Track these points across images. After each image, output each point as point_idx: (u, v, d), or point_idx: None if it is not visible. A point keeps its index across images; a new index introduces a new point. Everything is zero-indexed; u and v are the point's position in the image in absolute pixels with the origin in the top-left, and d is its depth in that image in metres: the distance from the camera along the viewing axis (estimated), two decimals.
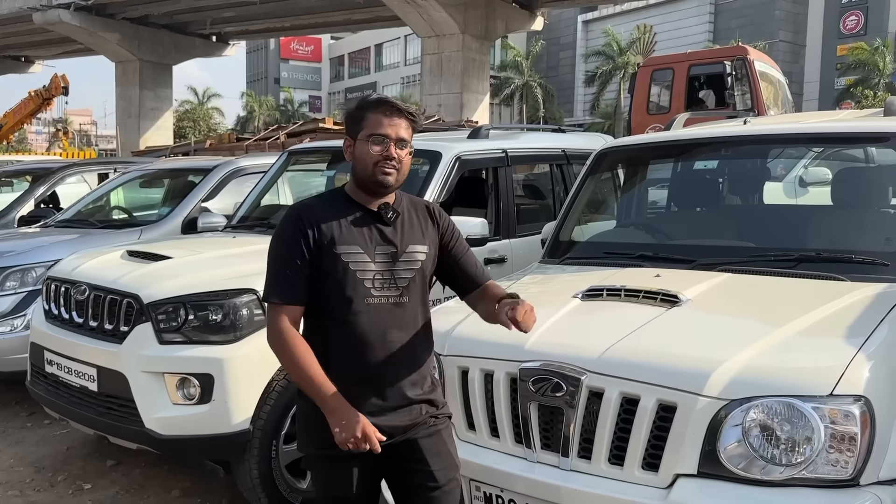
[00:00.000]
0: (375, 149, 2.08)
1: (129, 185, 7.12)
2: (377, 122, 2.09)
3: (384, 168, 2.08)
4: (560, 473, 2.33)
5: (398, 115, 2.11)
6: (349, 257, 2.06)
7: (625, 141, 4.39)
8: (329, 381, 2.02)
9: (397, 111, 2.11)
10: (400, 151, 2.10)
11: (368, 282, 2.08)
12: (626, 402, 2.25)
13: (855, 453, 2.07)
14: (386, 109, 2.10)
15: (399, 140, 2.10)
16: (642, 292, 2.71)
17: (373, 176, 2.09)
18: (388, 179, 2.09)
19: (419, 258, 2.16)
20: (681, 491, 2.15)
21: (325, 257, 2.06)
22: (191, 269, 3.80)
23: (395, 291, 2.11)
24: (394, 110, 2.11)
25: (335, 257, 2.06)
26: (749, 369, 2.18)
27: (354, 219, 2.12)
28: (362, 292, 2.07)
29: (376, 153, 2.08)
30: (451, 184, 4.47)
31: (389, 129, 2.09)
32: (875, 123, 3.54)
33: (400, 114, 2.11)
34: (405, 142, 2.11)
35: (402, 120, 2.11)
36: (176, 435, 3.35)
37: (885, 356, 2.28)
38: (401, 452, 2.14)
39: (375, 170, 2.08)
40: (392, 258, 2.11)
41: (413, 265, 2.14)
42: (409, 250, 2.14)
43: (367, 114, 2.11)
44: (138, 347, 3.43)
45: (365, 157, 2.09)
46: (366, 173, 2.10)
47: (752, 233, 3.47)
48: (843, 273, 2.82)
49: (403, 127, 2.11)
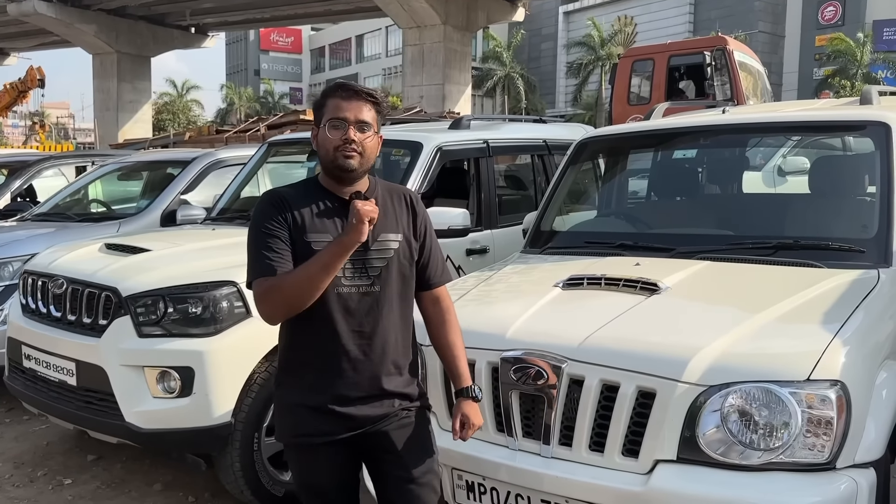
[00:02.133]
0: (334, 133, 2.05)
1: (107, 177, 7.03)
2: (336, 107, 2.06)
3: (345, 152, 2.04)
4: (541, 461, 2.35)
5: (357, 98, 2.07)
6: (319, 245, 2.02)
7: (604, 131, 4.40)
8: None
9: (355, 94, 2.08)
10: (360, 134, 2.05)
11: (339, 271, 2.04)
12: (606, 389, 2.27)
13: (831, 437, 2.10)
14: (344, 93, 2.07)
15: (359, 122, 2.05)
16: (622, 281, 2.73)
17: (334, 160, 2.06)
18: (349, 163, 2.05)
19: (392, 246, 2.12)
20: (660, 476, 2.17)
21: (297, 245, 2.05)
22: (170, 261, 3.77)
23: (367, 280, 2.08)
24: (352, 93, 2.07)
25: (306, 245, 2.03)
26: (727, 356, 2.21)
27: (326, 207, 2.10)
28: (333, 281, 2.03)
29: (335, 137, 2.04)
30: (432, 175, 4.46)
31: (348, 113, 2.05)
32: (850, 112, 3.58)
33: (358, 96, 2.07)
34: (366, 124, 2.07)
35: (362, 103, 2.07)
36: (157, 428, 3.33)
37: (861, 341, 2.32)
38: (374, 443, 2.14)
39: (336, 154, 2.05)
40: (364, 247, 2.05)
41: (385, 253, 2.10)
42: (380, 238, 2.10)
43: (328, 100, 2.08)
44: (117, 341, 3.40)
45: (325, 142, 2.06)
46: (328, 158, 2.07)
47: (731, 221, 3.51)
48: (819, 260, 2.85)
49: (364, 110, 2.07)
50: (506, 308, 2.87)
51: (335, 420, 2.09)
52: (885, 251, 2.85)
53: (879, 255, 2.84)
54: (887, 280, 2.71)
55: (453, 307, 2.28)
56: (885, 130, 3.15)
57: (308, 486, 2.22)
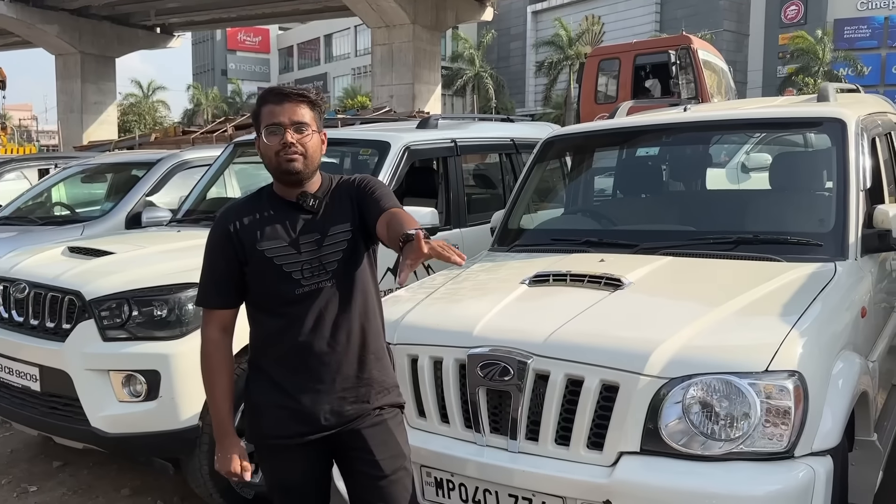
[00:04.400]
0: (272, 139, 2.05)
1: (70, 180, 6.93)
2: (269, 113, 2.06)
3: (286, 156, 2.04)
4: (508, 456, 2.37)
5: (288, 101, 2.06)
6: (273, 252, 2.06)
7: (569, 130, 4.44)
8: (227, 410, 2.16)
9: (286, 97, 2.06)
10: (298, 135, 2.04)
11: (297, 273, 2.07)
12: (571, 383, 2.30)
13: (789, 426, 2.15)
14: (274, 98, 2.07)
15: (295, 124, 2.05)
16: (587, 277, 2.77)
17: (278, 166, 2.06)
18: (293, 166, 2.05)
19: (343, 237, 2.11)
20: (624, 468, 2.20)
21: (252, 256, 2.07)
22: (134, 264, 3.74)
23: (325, 276, 2.08)
24: (282, 97, 2.06)
25: (260, 255, 2.06)
26: (688, 348, 2.25)
27: (277, 213, 2.11)
28: (292, 284, 2.06)
29: (274, 143, 2.04)
30: (400, 174, 4.46)
31: (282, 117, 2.04)
32: (807, 109, 3.66)
33: (289, 98, 2.06)
34: (303, 124, 2.06)
35: (295, 104, 2.06)
36: (123, 433, 3.30)
37: (818, 332, 2.39)
38: (346, 441, 2.15)
39: (279, 160, 2.05)
40: (317, 245, 2.08)
41: (339, 246, 2.10)
42: (331, 232, 2.10)
43: (262, 108, 2.08)
44: (81, 345, 3.36)
45: (266, 150, 2.06)
46: (272, 165, 2.08)
47: (693, 217, 3.56)
48: (779, 254, 2.92)
49: (298, 111, 2.05)
50: (473, 306, 2.89)
51: (308, 420, 2.09)
52: (841, 244, 2.93)
53: (836, 249, 2.91)
54: (843, 272, 2.78)
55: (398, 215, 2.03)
56: (841, 127, 3.23)
57: (279, 487, 2.22)
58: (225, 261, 2.10)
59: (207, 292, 2.16)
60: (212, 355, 2.14)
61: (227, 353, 2.16)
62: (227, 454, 2.16)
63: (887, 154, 3.82)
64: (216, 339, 2.14)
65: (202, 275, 2.17)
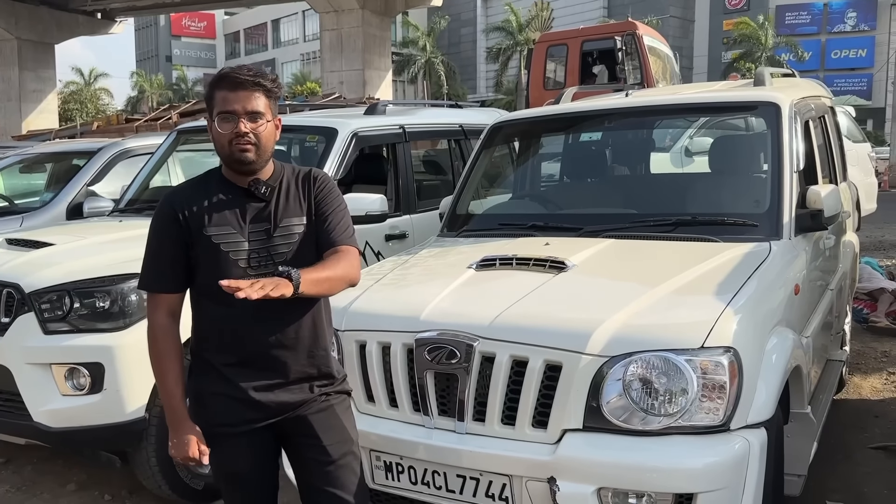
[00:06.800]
0: (225, 126, 1.99)
1: (8, 170, 6.74)
2: (223, 99, 1.99)
3: (239, 145, 1.99)
4: (456, 437, 2.40)
5: (243, 88, 1.99)
6: (220, 238, 2.02)
7: (515, 115, 4.48)
8: (180, 396, 2.11)
9: (241, 83, 1.99)
10: (252, 124, 1.99)
11: (243, 261, 2.04)
12: (516, 364, 2.34)
13: (725, 401, 2.21)
14: (229, 83, 1.99)
15: (249, 113, 1.99)
16: (532, 260, 2.81)
17: (231, 155, 2.02)
18: (246, 157, 2.01)
19: (296, 231, 2.09)
20: (567, 445, 2.26)
21: (198, 240, 2.03)
22: (75, 255, 3.65)
23: (272, 267, 2.02)
24: (237, 83, 1.99)
25: (206, 239, 2.02)
26: (627, 327, 2.31)
27: (226, 199, 2.07)
28: (237, 272, 2.00)
29: (227, 131, 1.99)
30: (348, 161, 4.44)
31: (236, 105, 1.98)
32: (743, 93, 3.76)
33: (244, 86, 1.99)
34: (257, 114, 2.00)
35: (250, 92, 1.99)
36: (67, 427, 3.24)
37: (753, 310, 2.47)
38: (292, 428, 2.15)
39: (231, 149, 2.00)
40: (266, 234, 2.06)
41: (290, 238, 2.08)
42: (283, 224, 2.08)
43: (215, 92, 2.01)
44: (21, 339, 3.29)
45: (219, 137, 2.01)
46: (224, 153, 2.03)
47: (635, 201, 3.64)
48: (716, 235, 2.99)
49: (253, 98, 1.99)
50: (420, 291, 2.91)
51: (254, 408, 2.09)
52: (776, 224, 3.02)
53: (771, 229, 3.00)
54: (778, 251, 2.87)
55: (349, 264, 2.08)
56: (776, 110, 3.32)
57: (227, 475, 2.22)
58: (170, 243, 2.05)
59: (152, 276, 2.10)
60: (160, 340, 2.10)
61: (175, 338, 2.12)
62: (183, 439, 2.11)
63: (820, 136, 3.95)
64: (164, 324, 2.10)
65: (146, 257, 2.10)
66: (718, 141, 3.98)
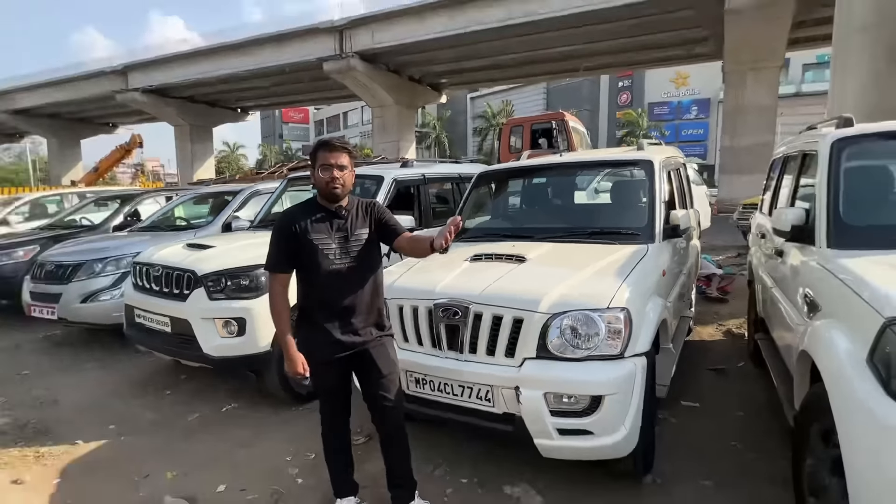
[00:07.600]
0: (325, 174, 2.03)
1: (186, 203, 6.73)
2: (323, 158, 2.03)
3: (332, 186, 2.04)
4: (458, 363, 2.39)
5: (334, 150, 2.04)
6: (318, 241, 2.04)
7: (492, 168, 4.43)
8: (289, 333, 2.06)
9: (335, 147, 2.04)
10: (341, 173, 2.03)
11: (332, 254, 2.05)
12: (495, 319, 2.32)
13: (621, 340, 2.21)
14: (327, 147, 2.04)
15: (339, 166, 2.03)
16: (504, 255, 2.79)
17: (327, 192, 2.05)
18: (336, 193, 2.05)
19: (363, 237, 2.12)
20: (526, 367, 2.25)
21: (304, 242, 2.04)
22: (227, 253, 3.64)
23: (348, 258, 2.07)
24: (332, 147, 2.04)
25: (309, 241, 2.04)
26: (563, 296, 2.29)
27: (321, 217, 2.09)
28: (327, 262, 2.04)
29: (325, 177, 2.03)
30: (390, 195, 4.44)
31: (332, 160, 2.02)
32: (631, 154, 3.73)
33: (335, 149, 2.04)
34: (343, 167, 2.04)
35: (339, 152, 2.04)
36: (224, 356, 3.26)
37: (637, 284, 2.44)
38: (361, 358, 2.15)
39: (328, 188, 2.04)
40: (345, 239, 2.08)
41: (359, 241, 2.11)
42: (356, 233, 2.10)
43: (318, 153, 2.05)
44: (196, 303, 3.32)
45: (319, 181, 2.05)
46: (322, 191, 2.06)
47: (566, 219, 3.58)
48: (615, 240, 2.97)
49: (341, 157, 2.04)
50: (436, 274, 2.85)
51: (338, 345, 2.09)
52: (651, 233, 3.00)
53: (648, 236, 2.98)
54: (653, 250, 2.85)
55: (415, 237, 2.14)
56: (651, 165, 3.31)
57: (321, 387, 2.21)
58: (286, 242, 2.05)
59: (273, 262, 2.09)
60: (278, 302, 2.08)
61: (286, 301, 2.11)
62: (293, 360, 2.08)
63: (677, 181, 3.92)
64: (280, 291, 2.09)
65: (269, 251, 2.10)
66: (616, 184, 3.95)
